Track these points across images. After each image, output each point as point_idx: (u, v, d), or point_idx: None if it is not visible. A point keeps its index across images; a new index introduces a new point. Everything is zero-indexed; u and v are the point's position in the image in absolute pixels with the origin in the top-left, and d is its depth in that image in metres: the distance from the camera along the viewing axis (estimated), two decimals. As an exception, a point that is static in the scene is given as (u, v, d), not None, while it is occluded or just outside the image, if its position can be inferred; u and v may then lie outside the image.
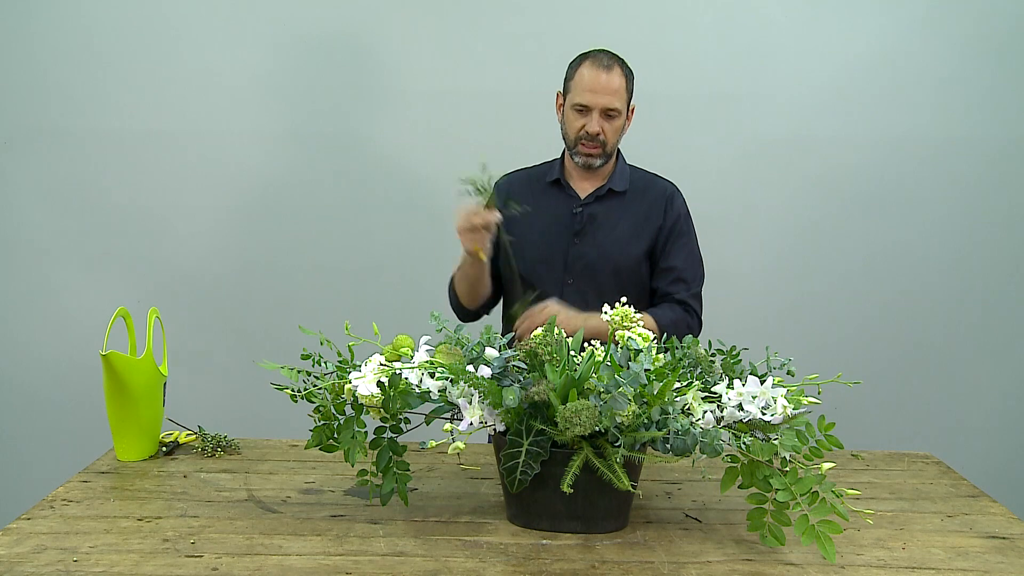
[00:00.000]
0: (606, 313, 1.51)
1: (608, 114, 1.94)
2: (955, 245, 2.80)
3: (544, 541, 1.39)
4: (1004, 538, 1.45)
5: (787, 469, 1.35)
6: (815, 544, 1.30)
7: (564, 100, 2.01)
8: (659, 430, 1.34)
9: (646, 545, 1.39)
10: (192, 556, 1.32)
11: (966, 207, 2.78)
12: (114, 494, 1.57)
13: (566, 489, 1.30)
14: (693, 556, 1.36)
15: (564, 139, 2.03)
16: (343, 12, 2.68)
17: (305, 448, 1.51)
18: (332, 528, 1.44)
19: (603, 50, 1.98)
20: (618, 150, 2.08)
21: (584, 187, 2.05)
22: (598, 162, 1.99)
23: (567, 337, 1.50)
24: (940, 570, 1.33)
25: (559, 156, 2.11)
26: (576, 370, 1.40)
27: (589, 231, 2.02)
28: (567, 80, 2.00)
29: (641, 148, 2.37)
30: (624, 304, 1.50)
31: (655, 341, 1.49)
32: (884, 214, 2.79)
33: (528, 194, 2.06)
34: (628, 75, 1.97)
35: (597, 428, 1.32)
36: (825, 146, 2.75)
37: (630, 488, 1.34)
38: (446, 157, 2.68)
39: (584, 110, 1.94)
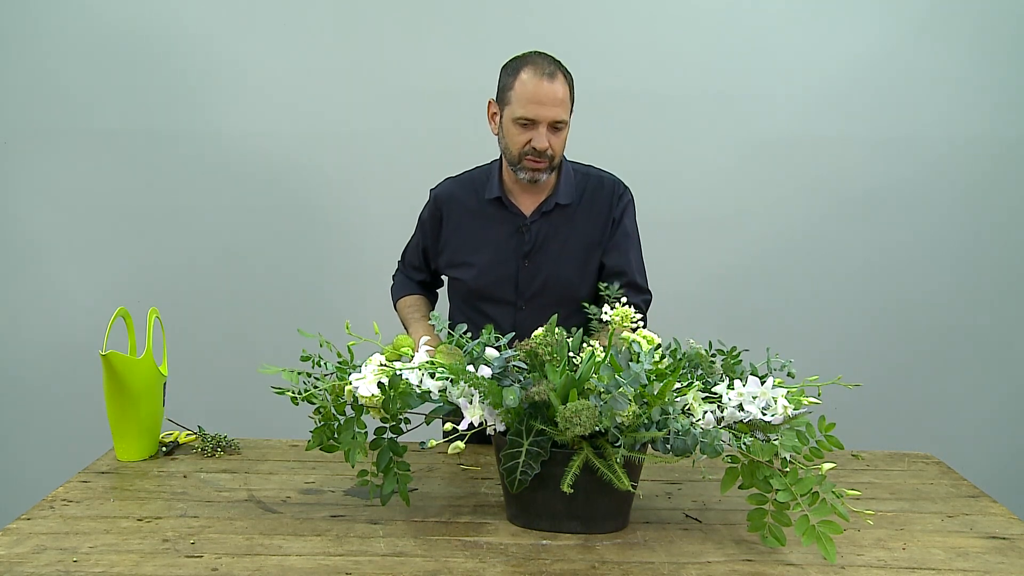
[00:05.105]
0: (606, 313, 1.51)
1: (555, 126, 1.77)
2: (955, 245, 2.80)
3: (544, 541, 1.39)
4: (1004, 538, 1.45)
5: (787, 469, 1.35)
6: (815, 544, 1.30)
7: (500, 111, 1.82)
8: (659, 430, 1.34)
9: (646, 545, 1.39)
10: (192, 556, 1.32)
11: (966, 207, 2.79)
12: (114, 494, 1.57)
13: (566, 489, 1.30)
14: (693, 556, 1.36)
15: (504, 154, 1.85)
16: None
17: (306, 450, 1.51)
18: (332, 528, 1.44)
19: (540, 53, 1.81)
20: None
21: (528, 203, 1.90)
22: (544, 176, 1.83)
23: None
24: (940, 570, 1.33)
25: (489, 164, 1.96)
26: (576, 370, 1.40)
27: (539, 253, 1.89)
28: (504, 89, 1.80)
29: (640, 148, 2.38)
30: (625, 304, 1.50)
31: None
32: (884, 214, 2.79)
33: (474, 208, 1.92)
34: (570, 80, 1.80)
35: (597, 428, 1.32)
36: (825, 146, 2.75)
37: (630, 488, 1.34)
38: (447, 156, 2.70)
39: (529, 124, 1.76)
